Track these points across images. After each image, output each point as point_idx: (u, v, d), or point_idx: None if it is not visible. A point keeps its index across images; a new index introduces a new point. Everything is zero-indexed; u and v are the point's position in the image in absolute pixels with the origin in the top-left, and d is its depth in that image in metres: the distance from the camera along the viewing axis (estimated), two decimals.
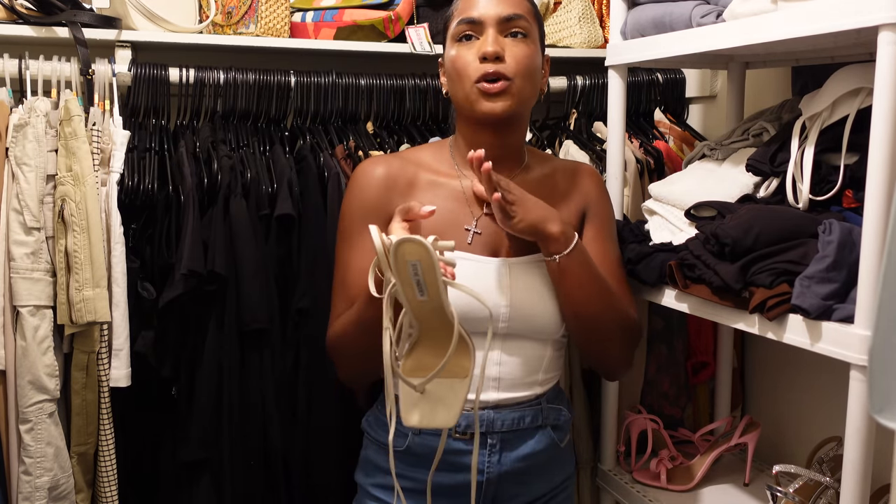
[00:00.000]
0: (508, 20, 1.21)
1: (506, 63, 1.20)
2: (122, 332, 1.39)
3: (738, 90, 1.66)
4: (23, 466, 1.35)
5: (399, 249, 0.97)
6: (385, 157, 1.33)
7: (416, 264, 0.98)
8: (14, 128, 1.37)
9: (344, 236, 1.27)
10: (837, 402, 1.51)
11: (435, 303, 1.02)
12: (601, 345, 1.28)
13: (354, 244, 1.25)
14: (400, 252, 0.98)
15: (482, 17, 1.21)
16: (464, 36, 1.22)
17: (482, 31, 1.21)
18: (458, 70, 1.22)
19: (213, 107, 1.62)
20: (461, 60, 1.22)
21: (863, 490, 1.07)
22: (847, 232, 1.11)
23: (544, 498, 1.31)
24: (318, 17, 1.70)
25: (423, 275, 0.99)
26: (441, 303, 1.02)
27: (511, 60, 1.20)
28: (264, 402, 1.50)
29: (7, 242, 1.34)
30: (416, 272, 0.99)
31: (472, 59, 1.21)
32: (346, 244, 1.27)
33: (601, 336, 1.26)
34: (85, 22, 1.50)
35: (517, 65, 1.20)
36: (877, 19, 0.97)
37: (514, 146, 1.31)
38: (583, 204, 1.33)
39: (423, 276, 0.99)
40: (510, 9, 1.21)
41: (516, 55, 1.20)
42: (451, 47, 1.25)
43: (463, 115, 1.28)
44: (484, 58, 1.19)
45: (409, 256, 0.98)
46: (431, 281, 1.00)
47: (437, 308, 1.03)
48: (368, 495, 1.29)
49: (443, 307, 1.02)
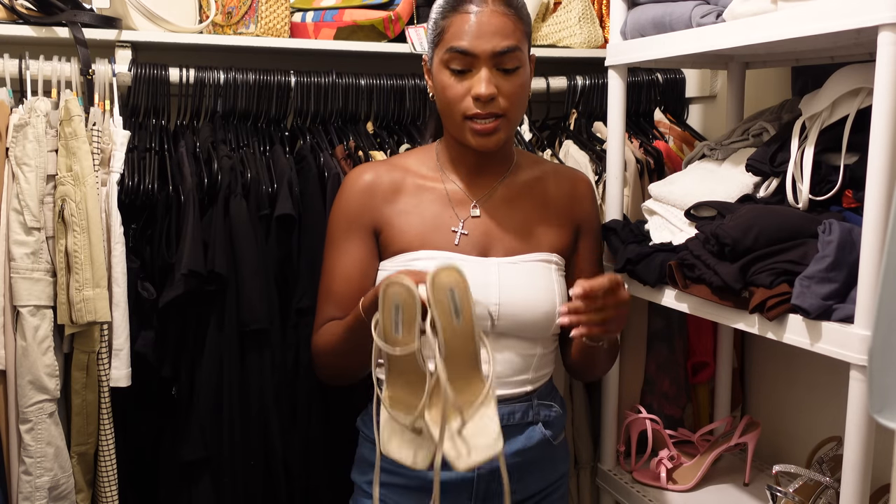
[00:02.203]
0: (502, 54, 1.18)
1: (498, 102, 1.19)
2: (122, 332, 1.39)
3: (738, 90, 1.66)
4: (23, 466, 1.35)
5: (438, 277, 1.02)
6: (373, 164, 1.36)
7: (452, 290, 1.02)
8: (14, 128, 1.37)
9: (330, 242, 1.31)
10: (837, 402, 1.51)
11: (467, 326, 1.04)
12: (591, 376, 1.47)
13: (340, 251, 1.29)
14: (438, 280, 1.02)
15: (475, 51, 1.18)
16: (456, 69, 1.20)
17: (475, 66, 1.18)
18: (447, 101, 1.21)
19: (213, 107, 1.61)
20: (452, 92, 1.20)
21: (863, 490, 1.07)
22: (847, 232, 1.11)
23: (538, 496, 1.31)
24: (318, 17, 1.70)
25: (459, 300, 1.03)
26: (473, 325, 1.05)
27: (504, 98, 1.19)
28: (264, 402, 1.50)
29: (7, 242, 1.34)
30: (454, 297, 1.03)
31: (464, 94, 1.19)
32: (332, 251, 1.31)
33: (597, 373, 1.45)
34: (85, 22, 1.50)
35: (510, 101, 1.20)
36: (877, 19, 0.97)
37: (502, 151, 1.32)
38: (578, 217, 1.36)
39: (460, 302, 1.03)
40: (504, 41, 1.18)
41: (508, 92, 1.19)
42: (441, 71, 1.22)
43: (450, 131, 1.29)
44: (477, 98, 1.18)
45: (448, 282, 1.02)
46: (466, 304, 1.03)
47: (468, 332, 1.05)
48: (364, 493, 1.30)
49: (473, 330, 1.05)
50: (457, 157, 1.31)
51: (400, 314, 1.03)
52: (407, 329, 1.04)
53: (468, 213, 1.29)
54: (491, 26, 1.18)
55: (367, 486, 1.29)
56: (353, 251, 1.28)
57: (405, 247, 1.25)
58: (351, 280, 1.27)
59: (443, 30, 1.21)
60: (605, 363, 1.37)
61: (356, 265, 1.27)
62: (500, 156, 1.33)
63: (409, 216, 1.27)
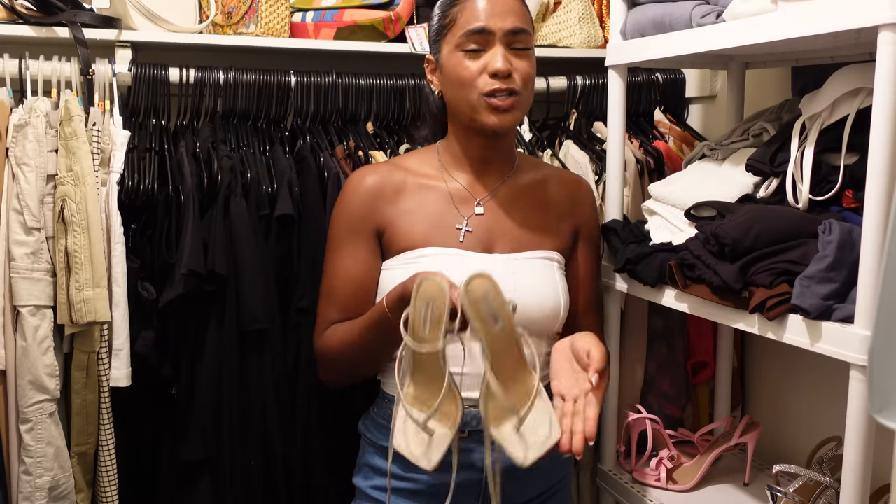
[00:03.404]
0: (514, 34, 1.22)
1: (514, 79, 1.22)
2: (122, 332, 1.39)
3: (738, 90, 1.66)
4: (23, 466, 1.35)
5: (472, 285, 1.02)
6: (374, 166, 1.37)
7: (488, 295, 1.03)
8: (14, 128, 1.37)
9: (333, 244, 1.31)
10: (837, 402, 1.51)
11: (508, 326, 1.05)
12: None
13: (343, 253, 1.29)
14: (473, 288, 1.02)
15: (491, 27, 1.21)
16: (471, 50, 1.22)
17: (489, 43, 1.22)
18: (462, 81, 1.23)
19: (213, 107, 1.61)
20: (467, 72, 1.22)
21: (863, 490, 1.07)
22: (847, 232, 1.11)
23: (541, 497, 1.32)
24: (318, 18, 1.70)
25: (496, 306, 1.03)
26: (512, 324, 1.05)
27: (517, 76, 1.22)
28: (264, 402, 1.50)
29: (7, 242, 1.34)
30: (490, 304, 1.03)
31: (480, 72, 1.22)
32: (334, 252, 1.31)
33: None
34: (85, 22, 1.50)
35: (523, 79, 1.23)
36: (877, 19, 0.97)
37: (506, 149, 1.34)
38: (578, 222, 1.38)
39: (497, 307, 1.03)
40: (517, 21, 1.23)
41: (522, 70, 1.23)
42: (453, 55, 1.24)
43: (459, 122, 1.29)
44: (496, 74, 1.20)
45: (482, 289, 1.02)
46: (502, 309, 1.04)
47: (510, 331, 1.05)
48: (367, 498, 1.30)
49: (513, 328, 1.05)
50: (460, 154, 1.32)
51: (430, 311, 1.04)
52: (434, 327, 1.04)
53: (472, 211, 1.29)
54: (505, 5, 1.23)
55: (370, 491, 1.29)
56: (356, 254, 1.28)
57: (409, 245, 1.26)
58: (354, 282, 1.27)
59: (454, 18, 1.25)
60: None
61: (359, 268, 1.28)
62: (504, 154, 1.33)
63: (412, 215, 1.28)
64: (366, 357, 1.27)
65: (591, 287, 1.39)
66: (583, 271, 1.37)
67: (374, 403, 1.34)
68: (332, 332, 1.28)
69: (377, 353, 1.25)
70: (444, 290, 1.02)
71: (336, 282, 1.29)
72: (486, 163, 1.32)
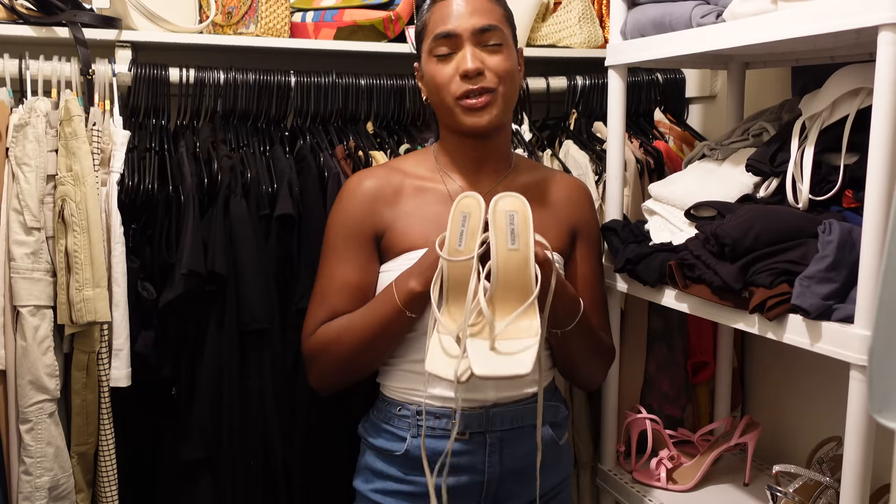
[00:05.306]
0: (483, 31, 1.21)
1: (486, 76, 1.21)
2: (122, 332, 1.39)
3: (738, 90, 1.66)
4: (23, 466, 1.35)
5: (500, 202, 1.11)
6: (372, 169, 1.37)
7: (513, 215, 1.10)
8: (14, 128, 1.37)
9: (329, 248, 1.31)
10: (837, 402, 1.51)
11: (523, 253, 1.09)
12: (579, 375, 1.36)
13: (339, 257, 1.28)
14: (500, 204, 1.11)
15: (457, 30, 1.21)
16: (441, 55, 1.22)
17: (458, 46, 1.22)
18: (438, 86, 1.23)
19: (213, 107, 1.61)
20: (441, 76, 1.22)
21: (863, 490, 1.07)
22: (847, 232, 1.11)
23: (544, 497, 1.31)
24: (318, 18, 1.70)
25: (518, 225, 1.09)
26: (528, 254, 1.09)
27: (490, 73, 1.21)
28: (264, 402, 1.50)
29: (7, 242, 1.34)
30: (513, 222, 1.09)
31: (452, 75, 1.21)
32: (331, 256, 1.30)
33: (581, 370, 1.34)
34: (85, 22, 1.50)
35: (497, 75, 1.22)
36: (877, 19, 0.97)
37: (500, 149, 1.33)
38: (575, 222, 1.37)
39: (518, 227, 1.09)
40: (484, 19, 1.21)
41: (495, 66, 1.22)
42: (429, 62, 1.25)
43: (446, 125, 1.29)
44: (465, 75, 1.20)
45: (509, 207, 1.11)
46: (523, 231, 1.10)
47: (523, 260, 1.09)
48: (368, 501, 1.29)
49: (528, 259, 1.09)
50: (456, 155, 1.31)
51: (466, 224, 1.10)
52: (469, 241, 1.11)
53: None
54: (469, 6, 1.22)
55: (371, 494, 1.29)
56: (352, 258, 1.27)
57: (409, 246, 1.25)
58: (349, 287, 1.27)
59: (425, 23, 1.26)
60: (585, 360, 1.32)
61: (355, 272, 1.27)
62: (499, 154, 1.33)
63: (411, 217, 1.27)
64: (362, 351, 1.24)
65: (593, 288, 1.38)
66: (582, 272, 1.36)
67: (374, 406, 1.34)
68: (325, 330, 1.26)
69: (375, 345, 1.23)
70: (480, 203, 1.11)
71: (331, 285, 1.28)
72: (480, 164, 1.31)
